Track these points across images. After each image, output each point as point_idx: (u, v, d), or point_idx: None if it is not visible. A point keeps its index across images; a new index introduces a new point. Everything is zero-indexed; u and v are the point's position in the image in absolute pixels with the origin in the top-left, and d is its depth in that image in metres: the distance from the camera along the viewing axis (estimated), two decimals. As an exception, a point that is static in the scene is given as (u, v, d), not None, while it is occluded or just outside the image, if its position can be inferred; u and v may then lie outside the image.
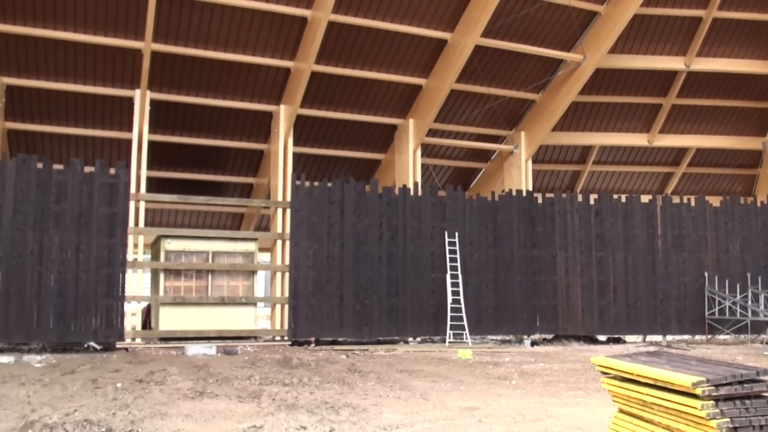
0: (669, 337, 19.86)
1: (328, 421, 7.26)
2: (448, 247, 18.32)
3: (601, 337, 19.97)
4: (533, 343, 18.62)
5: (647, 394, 5.28)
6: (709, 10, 21.15)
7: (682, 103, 23.89)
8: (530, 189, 21.68)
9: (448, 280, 18.05)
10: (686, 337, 20.24)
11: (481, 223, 18.99)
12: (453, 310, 17.90)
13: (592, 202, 19.67)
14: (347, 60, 19.71)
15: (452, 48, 19.44)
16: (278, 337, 17.69)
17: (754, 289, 18.99)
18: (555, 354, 16.22)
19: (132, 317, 16.48)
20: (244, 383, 10.18)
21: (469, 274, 18.49)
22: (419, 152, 21.24)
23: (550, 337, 19.48)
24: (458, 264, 18.27)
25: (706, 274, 19.58)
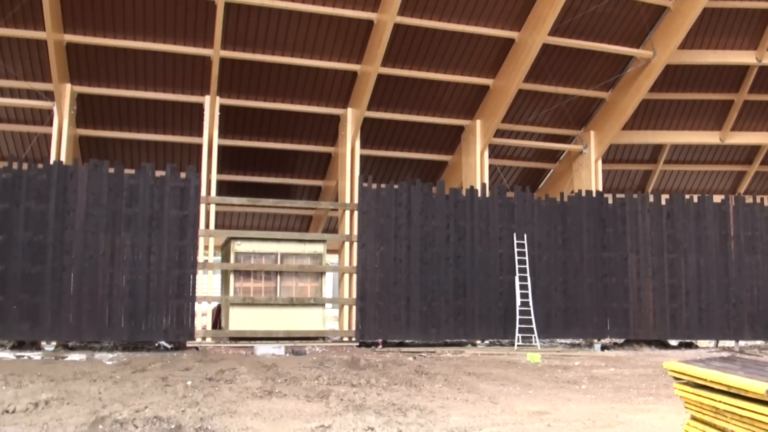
0: (741, 343, 19.20)
1: (395, 423, 7.22)
2: (516, 249, 18.11)
3: (673, 342, 19.42)
4: (603, 347, 18.25)
5: (720, 401, 5.08)
6: (782, 2, 20.43)
7: (754, 99, 23.11)
8: (600, 189, 21.27)
9: (517, 283, 17.84)
10: (759, 342, 19.50)
11: (550, 224, 18.70)
12: (522, 312, 17.68)
13: (663, 202, 19.16)
14: (413, 62, 19.70)
15: (519, 47, 19.23)
16: (346, 338, 17.77)
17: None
18: (626, 358, 15.86)
19: (202, 317, 16.78)
20: (312, 383, 10.23)
21: (537, 276, 18.24)
22: (486, 153, 21.05)
23: (620, 341, 19.04)
24: (527, 266, 18.04)
25: (780, 278, 18.90)
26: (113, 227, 15.81)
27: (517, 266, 17.97)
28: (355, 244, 17.75)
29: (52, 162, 16.27)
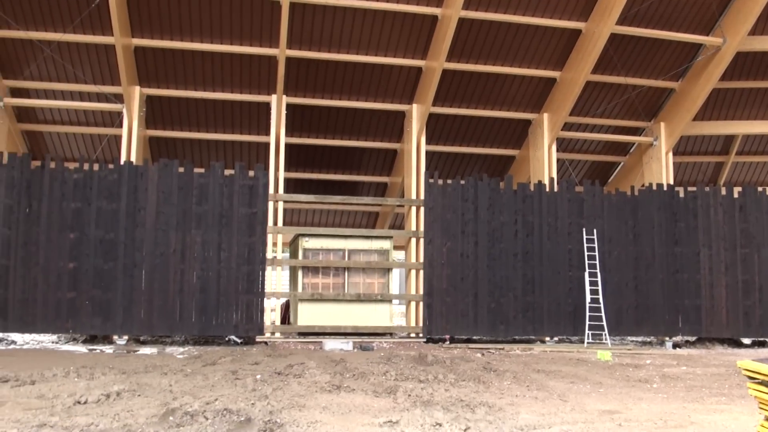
0: (818, 341, 18.55)
1: (463, 419, 7.20)
2: (586, 245, 17.84)
3: (746, 340, 18.85)
4: (675, 346, 17.85)
5: (799, 401, 4.93)
6: None
7: (829, 85, 22.17)
8: (671, 182, 20.71)
9: (587, 279, 17.58)
10: (836, 341, 18.82)
11: (620, 219, 18.36)
12: (591, 309, 17.41)
13: (735, 195, 18.61)
14: (478, 56, 19.55)
15: (586, 38, 18.89)
16: (413, 334, 17.79)
17: None
18: (698, 357, 15.47)
19: (271, 312, 17.02)
20: (380, 378, 10.28)
21: (608, 272, 17.92)
22: (554, 147, 20.73)
23: (692, 339, 18.59)
24: (597, 262, 17.75)
25: None
26: (183, 225, 16.23)
27: (586, 262, 17.70)
28: (422, 240, 17.76)
29: (122, 162, 16.76)
